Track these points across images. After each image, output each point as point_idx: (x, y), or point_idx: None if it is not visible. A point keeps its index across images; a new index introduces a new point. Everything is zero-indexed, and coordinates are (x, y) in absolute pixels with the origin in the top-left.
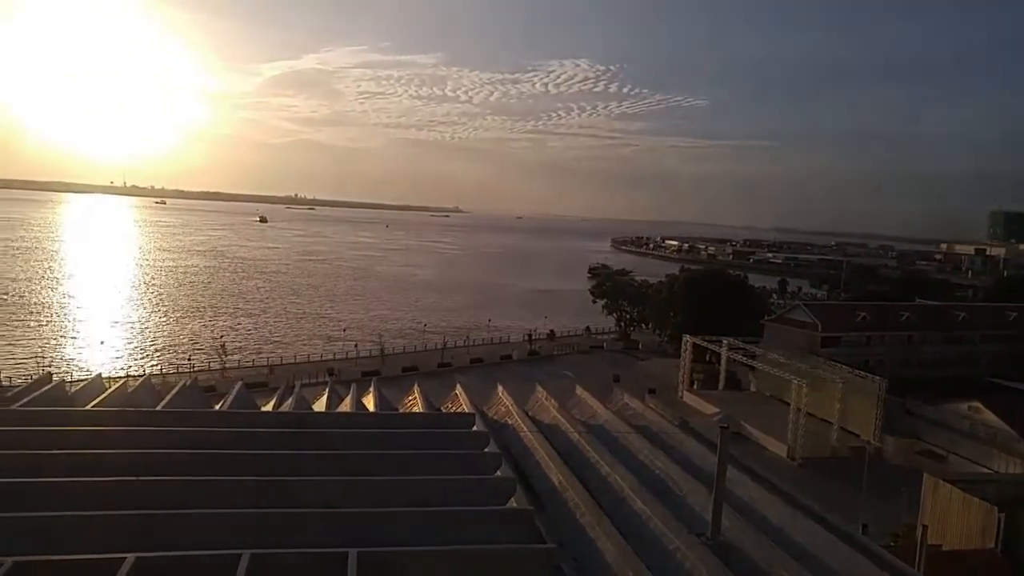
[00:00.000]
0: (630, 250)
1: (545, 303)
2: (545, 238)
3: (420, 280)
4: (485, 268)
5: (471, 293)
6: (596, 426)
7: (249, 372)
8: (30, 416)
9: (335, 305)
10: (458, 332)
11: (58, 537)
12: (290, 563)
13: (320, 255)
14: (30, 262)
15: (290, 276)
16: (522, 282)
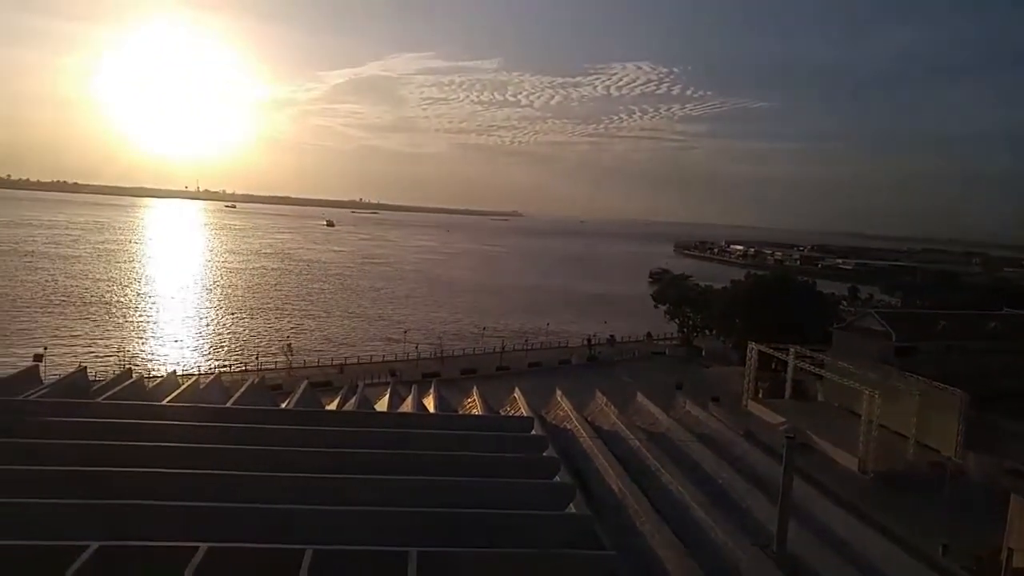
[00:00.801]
0: (693, 255)
1: (605, 308)
2: (606, 242)
3: (479, 283)
4: (544, 272)
5: (530, 297)
6: (657, 433)
7: (314, 372)
8: (113, 409)
9: (396, 307)
10: (516, 336)
11: (138, 524)
12: (352, 561)
13: (382, 258)
14: (113, 263)
15: (353, 279)
16: (582, 286)
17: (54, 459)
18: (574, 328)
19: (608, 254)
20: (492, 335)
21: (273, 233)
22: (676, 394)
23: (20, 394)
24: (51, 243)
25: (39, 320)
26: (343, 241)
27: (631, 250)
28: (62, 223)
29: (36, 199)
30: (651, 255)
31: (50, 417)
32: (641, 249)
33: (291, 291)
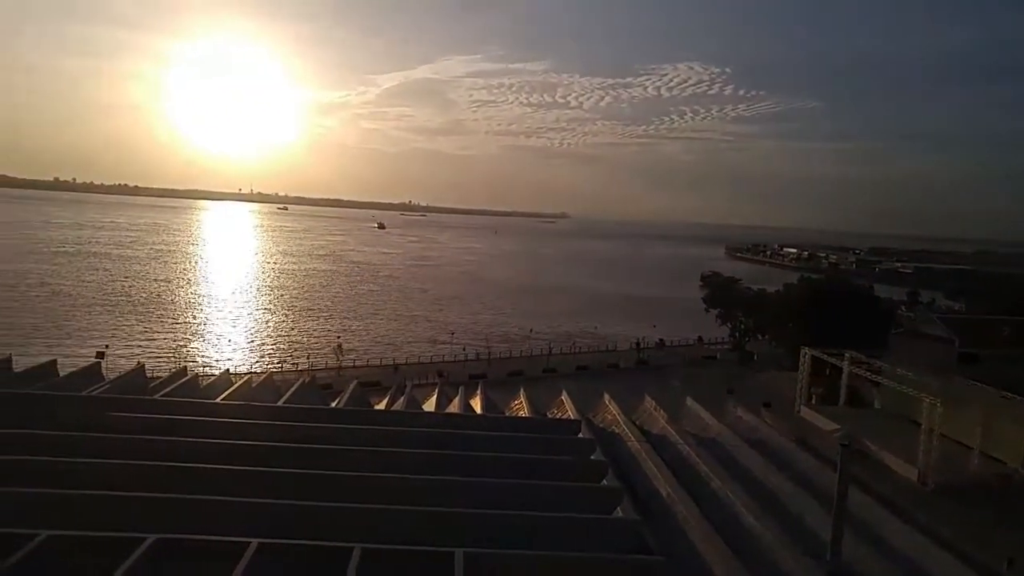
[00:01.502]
0: (745, 257)
1: (654, 311)
2: (656, 244)
3: (526, 285)
4: (592, 274)
5: (577, 299)
6: (707, 439)
7: (363, 371)
8: (169, 406)
9: (443, 309)
10: (564, 338)
11: (192, 518)
12: (399, 560)
13: (431, 260)
14: (169, 264)
15: (401, 280)
16: (630, 289)
17: (114, 453)
18: (622, 331)
19: (658, 256)
20: (539, 337)
21: (324, 235)
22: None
23: (83, 389)
24: (112, 244)
25: (99, 319)
26: (392, 243)
27: (681, 252)
28: (123, 225)
29: (99, 202)
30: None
31: (110, 412)
32: (691, 251)
33: (341, 292)
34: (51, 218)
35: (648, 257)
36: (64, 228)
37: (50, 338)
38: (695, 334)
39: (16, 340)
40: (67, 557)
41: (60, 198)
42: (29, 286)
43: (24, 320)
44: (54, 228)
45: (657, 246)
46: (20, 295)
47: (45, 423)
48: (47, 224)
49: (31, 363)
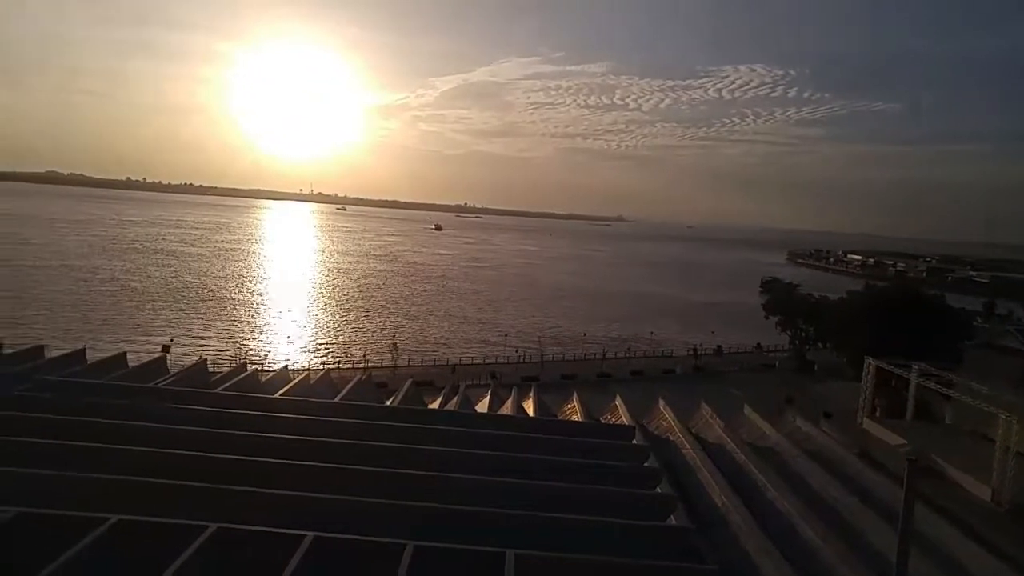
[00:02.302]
0: (808, 263)
1: (712, 317)
2: (714, 248)
3: (580, 288)
4: (648, 278)
5: (632, 304)
6: (764, 448)
7: (417, 371)
8: (230, 400)
9: (496, 311)
10: (618, 343)
11: (250, 510)
12: (450, 558)
13: (485, 262)
14: (231, 262)
15: (456, 281)
16: (688, 294)
17: (177, 443)
18: (679, 337)
19: (716, 261)
20: (593, 341)
21: (382, 235)
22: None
23: (150, 381)
24: (178, 242)
25: (164, 313)
26: (448, 245)
27: (741, 257)
28: (189, 223)
29: (167, 200)
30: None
31: (174, 404)
32: (751, 256)
33: (396, 292)
34: (123, 216)
35: (707, 262)
36: (134, 226)
37: (119, 331)
38: (754, 341)
39: (89, 332)
40: (135, 541)
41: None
42: (101, 281)
43: (96, 314)
44: (125, 226)
45: (716, 250)
46: (92, 290)
47: (115, 412)
48: (119, 222)
49: (102, 355)
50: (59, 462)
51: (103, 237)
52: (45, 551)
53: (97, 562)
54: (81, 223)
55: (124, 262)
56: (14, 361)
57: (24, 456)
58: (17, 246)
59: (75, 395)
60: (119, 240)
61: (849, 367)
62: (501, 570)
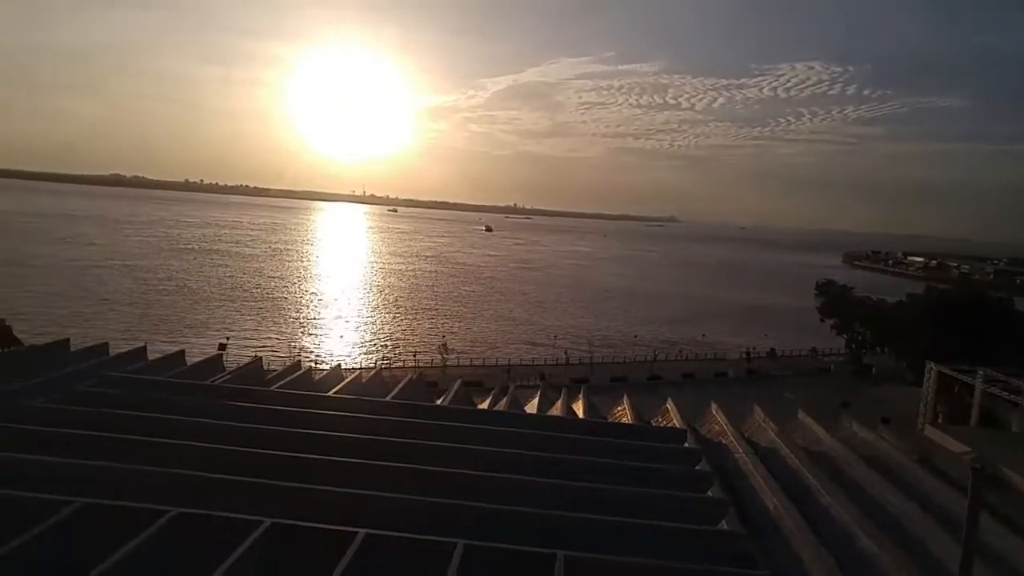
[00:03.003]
0: (865, 266)
1: (765, 319)
2: (768, 250)
3: (631, 290)
4: (700, 280)
5: (684, 305)
6: (819, 453)
7: (468, 371)
8: (285, 398)
9: (545, 312)
10: (669, 345)
11: (304, 506)
12: (499, 558)
13: (534, 263)
14: (285, 262)
15: (505, 282)
16: (741, 296)
17: (233, 439)
18: (731, 340)
19: (770, 263)
20: (643, 343)
21: (433, 237)
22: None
23: (207, 379)
24: (233, 242)
25: (219, 312)
26: (497, 246)
27: (795, 259)
28: (244, 224)
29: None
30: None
31: (230, 401)
32: (806, 259)
33: (445, 292)
34: (181, 217)
35: (760, 263)
36: (191, 227)
37: (176, 329)
38: (808, 344)
39: (149, 330)
40: (193, 534)
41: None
42: (159, 280)
43: (154, 312)
44: (183, 226)
45: (770, 252)
46: (151, 289)
47: (175, 408)
48: (177, 223)
49: (161, 352)
50: (122, 456)
51: (162, 237)
52: (109, 541)
53: (157, 553)
54: (142, 224)
55: (181, 262)
56: (81, 358)
57: (90, 449)
58: (83, 247)
59: (137, 391)
60: (177, 240)
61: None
62: (551, 571)
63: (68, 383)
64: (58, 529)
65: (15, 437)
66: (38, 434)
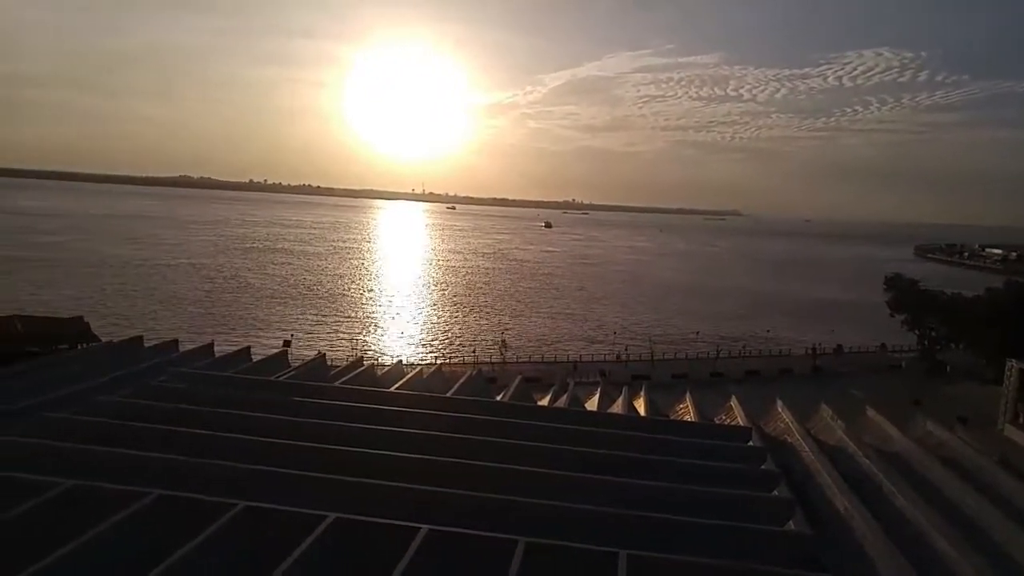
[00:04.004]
0: (939, 259)
1: (831, 315)
2: (834, 244)
3: (692, 285)
4: (763, 275)
5: (747, 301)
6: (891, 453)
7: (527, 367)
8: (348, 393)
9: (605, 308)
10: (732, 341)
11: (367, 501)
12: (561, 556)
13: (593, 259)
14: (346, 260)
15: (563, 279)
16: (806, 291)
17: (298, 435)
18: (796, 336)
19: (837, 257)
20: (705, 340)
21: (490, 233)
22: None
23: (272, 374)
24: (296, 240)
25: (281, 309)
26: (555, 241)
27: (862, 253)
28: (307, 223)
29: (287, 201)
30: (887, 259)
31: (295, 397)
32: (874, 252)
33: (503, 289)
34: (246, 216)
35: (826, 257)
36: (256, 225)
37: (240, 326)
38: (877, 340)
39: (215, 327)
40: (260, 527)
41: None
42: (224, 279)
43: (219, 309)
44: (247, 225)
45: (836, 245)
46: (216, 287)
47: (242, 403)
48: (243, 222)
49: (228, 349)
50: (192, 449)
51: (228, 236)
52: (181, 532)
53: (226, 546)
54: (208, 224)
55: (246, 260)
56: (153, 354)
57: (162, 442)
58: (153, 246)
59: (205, 387)
60: (242, 239)
61: (988, 369)
62: (614, 570)
63: (141, 378)
64: (134, 519)
65: (92, 430)
66: (113, 427)
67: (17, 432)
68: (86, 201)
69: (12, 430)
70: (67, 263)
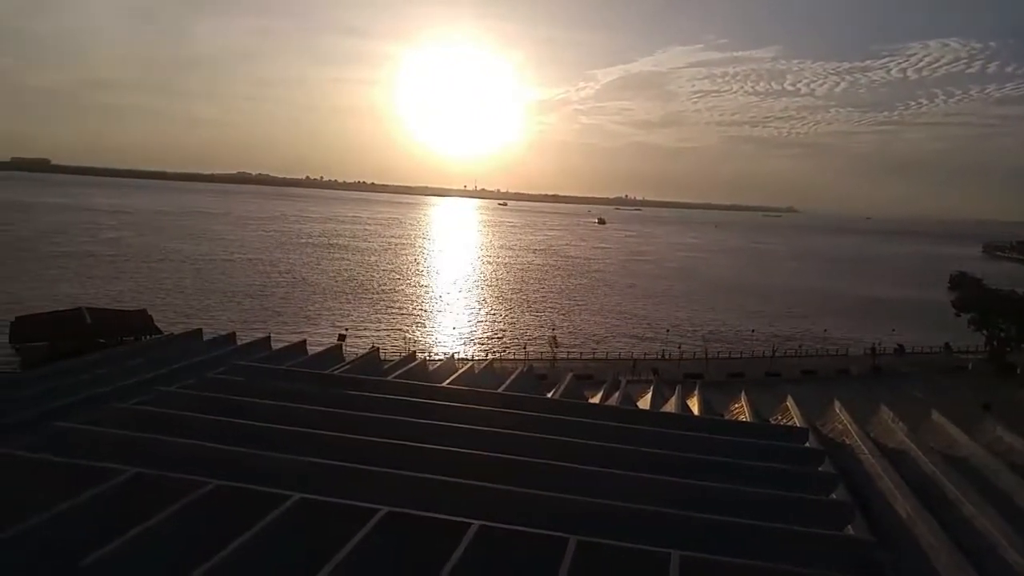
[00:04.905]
0: (1010, 257)
1: (893, 314)
2: (896, 241)
3: (747, 283)
4: (822, 273)
5: (804, 299)
6: (957, 458)
7: (577, 364)
8: (401, 387)
9: (657, 305)
10: (788, 340)
11: (419, 495)
12: (613, 555)
13: (646, 255)
14: (400, 256)
15: (616, 275)
16: (865, 290)
17: (352, 428)
18: (854, 335)
19: (898, 255)
20: (760, 338)
21: (542, 230)
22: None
23: (327, 368)
24: (350, 236)
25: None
26: (607, 238)
27: (926, 251)
28: (362, 219)
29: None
30: (952, 257)
31: (349, 391)
32: (939, 250)
33: (554, 286)
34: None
35: (887, 255)
36: (312, 222)
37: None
38: (941, 341)
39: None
40: (314, 519)
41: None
42: (280, 273)
43: (274, 303)
44: (304, 221)
45: (898, 243)
46: (271, 281)
47: (297, 396)
48: (299, 218)
49: (284, 342)
50: (249, 441)
51: (284, 232)
52: (237, 523)
53: (281, 537)
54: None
55: (301, 256)
56: (211, 347)
57: (220, 434)
58: (212, 241)
59: (262, 379)
60: (297, 235)
61: None
62: (666, 571)
63: (200, 370)
64: (193, 508)
65: (154, 419)
66: (174, 417)
67: (85, 420)
68: (153, 198)
69: (80, 418)
70: (130, 257)
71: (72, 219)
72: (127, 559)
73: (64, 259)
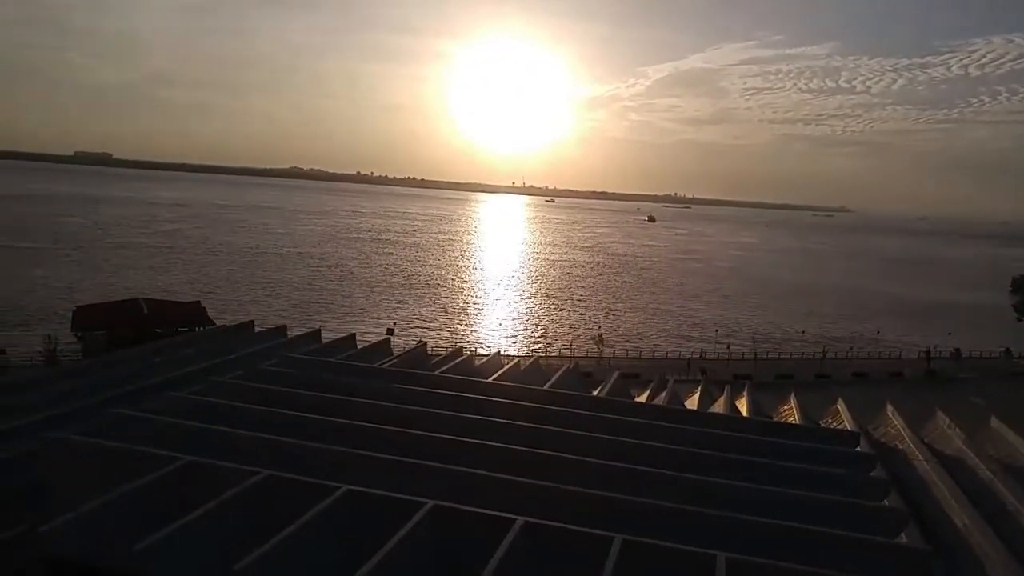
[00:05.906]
0: None
1: (949, 317)
2: (953, 243)
3: (798, 283)
4: (875, 274)
5: (856, 301)
6: (1017, 467)
7: (624, 362)
8: (447, 382)
9: (706, 305)
10: (839, 342)
11: (463, 490)
12: (659, 555)
13: (696, 254)
14: (448, 251)
15: (664, 274)
16: (920, 292)
17: (398, 421)
18: (908, 338)
19: (955, 256)
20: (810, 340)
21: (589, 227)
22: None
23: (375, 362)
24: (400, 232)
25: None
26: (655, 236)
27: (986, 252)
28: (412, 215)
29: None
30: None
31: (397, 384)
32: (1000, 251)
33: (601, 284)
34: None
35: (943, 257)
36: (362, 216)
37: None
38: (1001, 346)
39: (321, 314)
40: (361, 511)
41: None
42: (329, 267)
43: (324, 297)
44: (355, 216)
45: (957, 245)
46: (321, 275)
47: (347, 388)
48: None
49: (333, 335)
50: (298, 431)
51: (335, 227)
52: (286, 511)
53: (329, 527)
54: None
55: (351, 250)
56: (263, 339)
57: (270, 424)
58: (264, 235)
59: (312, 371)
60: (348, 230)
61: None
62: (712, 572)
63: (252, 361)
64: (245, 495)
65: (208, 409)
66: (227, 407)
67: (141, 408)
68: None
69: (137, 407)
70: (185, 249)
71: (133, 212)
72: (179, 544)
73: (123, 250)
